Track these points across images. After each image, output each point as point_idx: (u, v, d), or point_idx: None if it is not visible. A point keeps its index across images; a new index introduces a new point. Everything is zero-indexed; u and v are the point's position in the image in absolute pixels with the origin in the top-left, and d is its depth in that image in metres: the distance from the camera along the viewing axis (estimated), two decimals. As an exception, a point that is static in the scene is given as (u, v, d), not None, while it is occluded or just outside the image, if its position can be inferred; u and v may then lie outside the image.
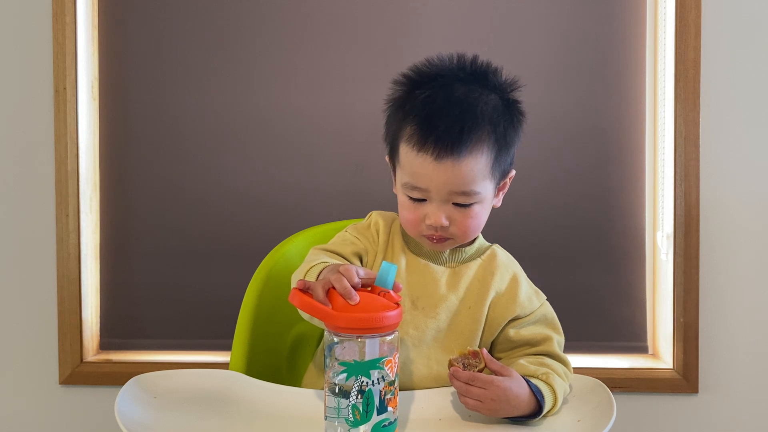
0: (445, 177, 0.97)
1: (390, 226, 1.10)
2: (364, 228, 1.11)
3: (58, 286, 1.62)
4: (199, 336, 1.65)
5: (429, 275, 1.06)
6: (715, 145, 1.59)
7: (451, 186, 0.98)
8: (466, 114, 0.98)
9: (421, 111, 0.99)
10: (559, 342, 1.05)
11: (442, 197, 0.99)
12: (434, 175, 0.98)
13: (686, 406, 1.62)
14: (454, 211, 1.00)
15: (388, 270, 0.86)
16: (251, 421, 0.91)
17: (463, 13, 1.61)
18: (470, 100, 0.99)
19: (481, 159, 0.98)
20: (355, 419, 0.81)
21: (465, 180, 0.98)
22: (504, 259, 1.10)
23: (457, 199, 0.99)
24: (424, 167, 0.98)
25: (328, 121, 1.63)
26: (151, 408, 0.92)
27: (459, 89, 1.00)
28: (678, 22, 1.56)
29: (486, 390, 0.91)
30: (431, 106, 0.99)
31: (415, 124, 0.99)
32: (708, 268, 1.60)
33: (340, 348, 0.81)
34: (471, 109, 0.99)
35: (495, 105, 1.01)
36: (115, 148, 1.66)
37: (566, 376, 1.01)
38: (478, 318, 1.05)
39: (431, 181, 0.98)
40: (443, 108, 0.98)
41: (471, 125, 0.97)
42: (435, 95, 1.00)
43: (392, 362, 0.83)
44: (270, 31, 1.62)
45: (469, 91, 1.00)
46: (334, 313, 0.82)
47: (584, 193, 1.62)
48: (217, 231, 1.64)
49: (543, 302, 1.08)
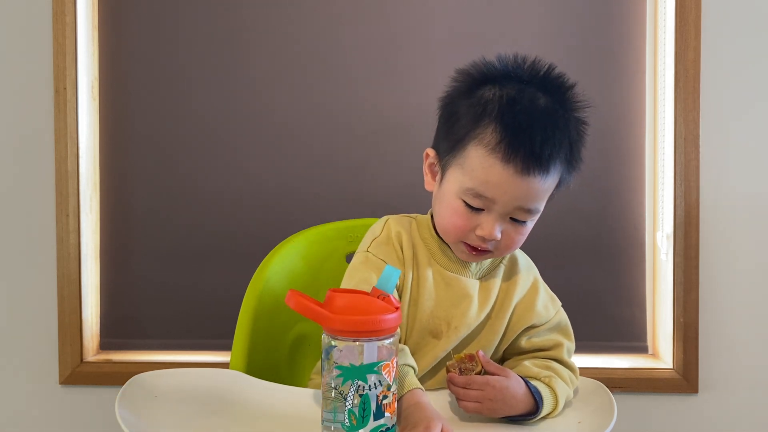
0: (520, 192, 0.93)
1: (410, 234, 1.04)
2: (384, 243, 1.03)
3: (58, 286, 1.62)
4: (199, 336, 1.65)
5: (460, 291, 1.02)
6: (715, 145, 1.59)
7: (521, 202, 0.94)
8: (555, 129, 0.93)
9: (508, 117, 0.92)
10: (569, 348, 1.04)
11: (506, 210, 0.94)
12: (510, 189, 0.92)
13: (686, 406, 1.62)
14: (508, 226, 0.96)
15: (390, 274, 0.85)
16: (251, 420, 0.91)
17: (461, 12, 1.61)
18: (553, 112, 0.94)
19: (554, 178, 0.95)
20: (351, 424, 0.80)
21: (537, 197, 0.95)
22: (524, 264, 1.08)
23: (518, 215, 0.96)
24: (503, 178, 0.92)
25: (329, 121, 1.63)
26: (151, 408, 0.92)
27: (540, 98, 0.95)
28: (678, 22, 1.56)
29: (483, 391, 0.90)
30: (520, 114, 0.92)
31: (501, 130, 0.92)
32: (708, 268, 1.60)
33: (337, 351, 0.80)
34: (556, 124, 0.93)
35: (573, 122, 0.97)
36: (115, 148, 1.65)
37: (571, 382, 1.00)
38: (498, 329, 1.03)
39: (504, 194, 0.93)
40: (532, 118, 0.92)
41: (559, 142, 0.93)
42: (519, 98, 0.93)
43: (390, 366, 0.81)
44: (270, 31, 1.62)
45: (551, 102, 0.95)
46: (331, 315, 0.80)
47: (584, 193, 1.62)
48: (217, 231, 1.64)
49: (558, 309, 1.06)
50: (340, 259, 1.32)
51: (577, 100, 0.98)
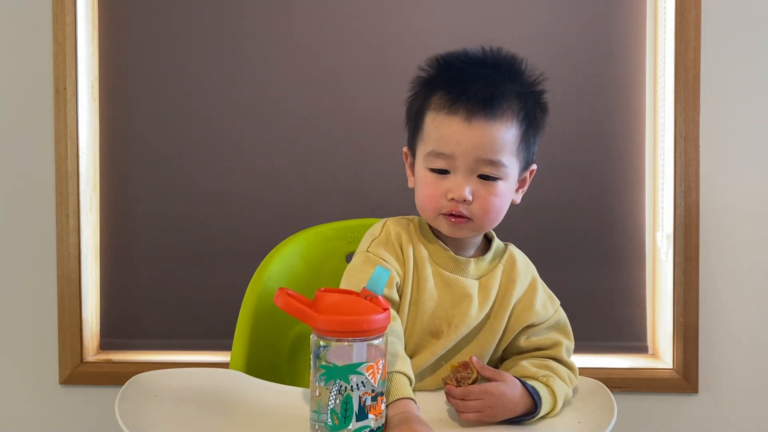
0: (475, 140, 0.95)
1: (409, 235, 1.05)
2: (384, 243, 1.04)
3: (58, 286, 1.62)
4: (199, 336, 1.65)
5: (460, 290, 1.02)
6: (715, 145, 1.59)
7: (479, 151, 0.96)
8: (497, 80, 0.98)
9: (449, 76, 0.98)
10: (568, 347, 1.04)
11: (468, 165, 0.96)
12: (463, 138, 0.95)
13: (686, 406, 1.62)
14: (478, 186, 0.97)
15: (380, 276, 0.85)
16: (251, 420, 0.91)
17: (461, 12, 1.61)
18: (495, 68, 1.00)
19: (512, 129, 0.97)
20: (333, 424, 0.80)
21: (494, 146, 0.96)
22: (523, 263, 1.07)
23: (484, 170, 0.97)
24: (453, 128, 0.96)
25: (329, 121, 1.63)
26: (151, 408, 0.92)
27: (486, 70, 1.00)
28: (678, 22, 1.56)
29: (482, 400, 0.90)
30: (459, 69, 0.99)
31: (443, 90, 0.97)
32: (708, 268, 1.60)
33: (324, 350, 0.80)
34: (499, 76, 0.98)
35: (519, 80, 1.01)
36: (115, 148, 1.66)
37: (570, 381, 1.00)
38: (497, 329, 1.03)
39: (459, 144, 0.95)
40: (471, 71, 0.98)
41: (502, 91, 0.97)
42: (464, 69, 0.99)
43: (374, 368, 0.81)
44: (270, 31, 1.62)
45: (496, 72, 1.00)
46: (316, 315, 0.80)
47: (584, 193, 1.62)
48: (217, 231, 1.64)
49: (557, 308, 1.06)
50: (340, 259, 1.32)
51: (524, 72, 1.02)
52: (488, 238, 1.09)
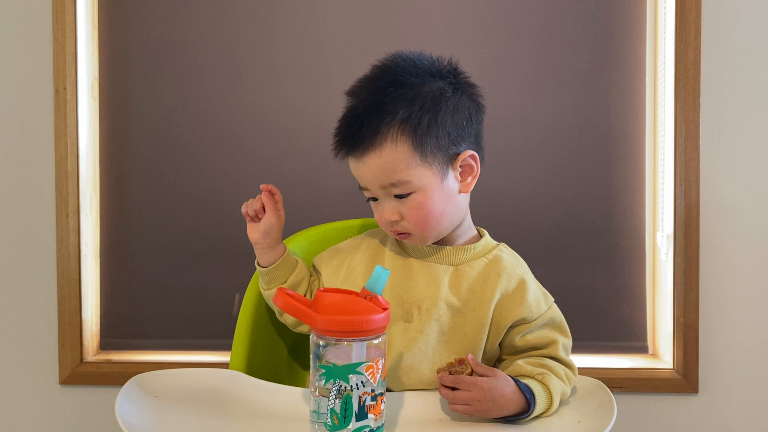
0: (369, 172, 1.01)
1: (384, 236, 1.14)
2: (354, 240, 1.17)
3: (58, 286, 1.62)
4: (199, 336, 1.65)
5: (431, 275, 1.05)
6: (715, 145, 1.59)
7: (378, 180, 1.01)
8: (367, 110, 1.01)
9: (338, 122, 1.05)
10: (564, 345, 1.04)
11: (380, 193, 1.03)
12: (360, 173, 1.02)
13: (686, 406, 1.62)
14: (399, 204, 1.02)
15: (379, 275, 0.85)
16: (251, 421, 0.91)
17: (460, 12, 1.61)
18: (376, 92, 1.02)
19: (401, 146, 0.99)
20: (333, 424, 0.81)
21: (387, 171, 1.00)
22: (511, 260, 1.07)
23: (393, 191, 1.01)
24: (352, 166, 1.04)
25: (329, 121, 1.62)
26: (151, 408, 0.92)
27: (358, 100, 1.04)
28: (678, 22, 1.56)
29: (471, 392, 0.91)
30: (343, 115, 1.05)
31: (335, 133, 1.05)
32: (708, 268, 1.60)
33: (323, 350, 0.81)
34: (374, 105, 1.00)
35: (398, 104, 1.00)
36: (115, 148, 1.66)
37: (567, 379, 1.00)
38: (482, 321, 1.03)
39: (362, 178, 1.03)
40: (349, 113, 1.03)
41: (369, 122, 1.00)
42: (346, 108, 1.05)
43: (374, 368, 0.81)
44: (270, 30, 1.62)
45: (380, 85, 1.02)
46: (316, 315, 0.81)
47: (584, 193, 1.62)
48: (217, 231, 1.64)
49: (551, 305, 1.06)
50: (340, 259, 1.32)
51: (400, 80, 1.03)
52: (481, 235, 1.10)
